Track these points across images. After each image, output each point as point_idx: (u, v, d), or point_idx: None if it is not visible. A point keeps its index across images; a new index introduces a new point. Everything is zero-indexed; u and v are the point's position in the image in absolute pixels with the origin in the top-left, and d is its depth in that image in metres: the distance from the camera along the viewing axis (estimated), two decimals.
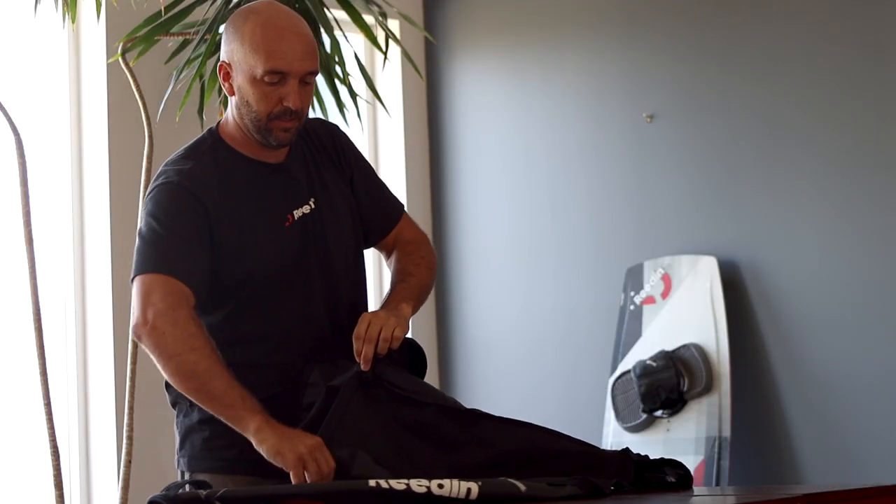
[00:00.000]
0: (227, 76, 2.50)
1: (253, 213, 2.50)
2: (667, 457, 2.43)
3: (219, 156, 2.55)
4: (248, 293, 2.51)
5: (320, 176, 2.60)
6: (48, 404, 3.78)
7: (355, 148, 2.71)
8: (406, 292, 2.57)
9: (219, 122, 2.61)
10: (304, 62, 2.45)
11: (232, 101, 2.53)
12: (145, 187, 4.04)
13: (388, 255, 2.72)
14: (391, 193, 2.75)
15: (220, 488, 2.18)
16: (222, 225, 2.48)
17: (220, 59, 2.52)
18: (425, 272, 2.66)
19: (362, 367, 2.40)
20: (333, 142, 2.66)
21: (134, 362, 3.95)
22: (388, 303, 2.54)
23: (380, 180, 2.75)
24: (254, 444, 2.36)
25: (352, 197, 2.64)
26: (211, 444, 2.53)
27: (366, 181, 2.69)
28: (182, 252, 2.44)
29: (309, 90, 2.49)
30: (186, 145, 2.61)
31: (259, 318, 2.53)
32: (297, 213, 2.54)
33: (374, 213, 2.68)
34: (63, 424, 4.67)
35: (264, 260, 2.50)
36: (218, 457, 2.53)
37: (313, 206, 2.56)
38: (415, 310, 2.57)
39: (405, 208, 2.78)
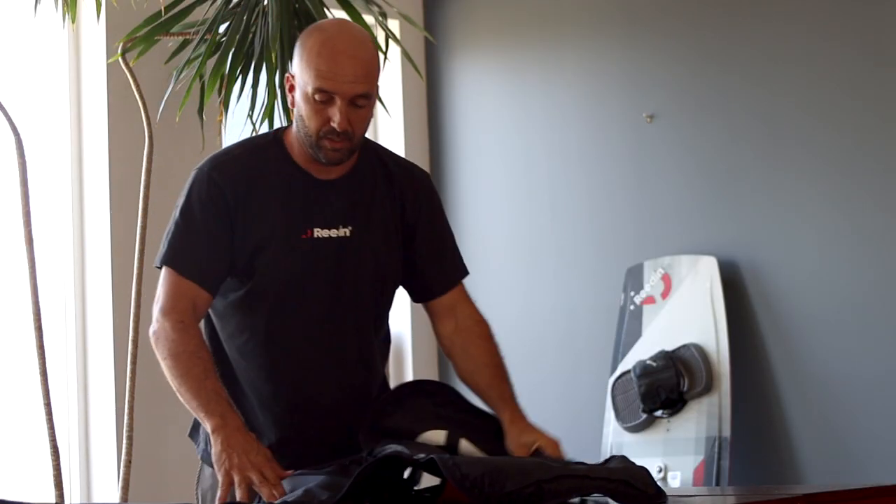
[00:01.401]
0: (291, 88, 2.54)
1: (275, 219, 2.53)
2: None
3: (269, 154, 2.58)
4: (252, 293, 2.54)
5: (369, 209, 2.60)
6: (48, 404, 3.78)
7: (435, 202, 2.71)
8: (513, 391, 2.68)
9: (289, 125, 2.64)
10: (353, 85, 2.46)
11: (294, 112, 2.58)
12: (145, 187, 4.04)
13: (439, 322, 2.71)
14: (458, 258, 2.74)
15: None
16: (243, 219, 2.53)
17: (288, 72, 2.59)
18: (503, 357, 2.71)
19: None
20: (412, 185, 2.66)
21: (134, 362, 3.94)
22: (511, 409, 2.61)
23: (450, 242, 2.74)
24: None
25: (400, 242, 2.64)
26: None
27: (432, 235, 2.68)
28: (198, 248, 2.51)
29: (362, 113, 2.49)
30: (250, 136, 2.69)
31: (257, 321, 2.55)
32: (322, 233, 2.55)
33: (431, 268, 2.68)
34: (63, 424, 4.67)
35: (270, 264, 2.52)
36: None
37: (348, 233, 2.56)
38: None
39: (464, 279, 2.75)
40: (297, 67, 2.51)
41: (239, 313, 2.56)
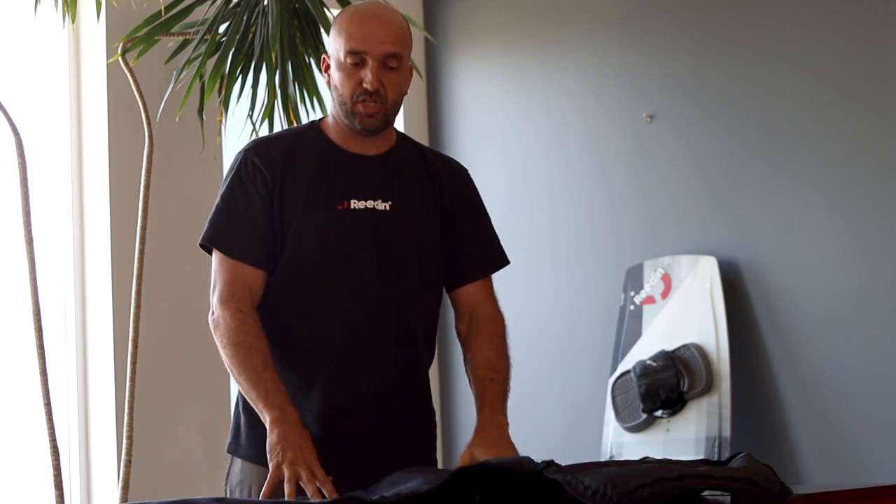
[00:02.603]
0: (328, 68, 2.61)
1: (310, 190, 2.57)
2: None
3: (306, 137, 2.64)
4: (286, 265, 2.56)
5: (408, 186, 2.63)
6: (48, 404, 3.78)
7: (473, 193, 2.74)
8: (500, 399, 2.64)
9: (325, 116, 2.70)
10: (383, 45, 2.53)
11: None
12: (145, 187, 4.04)
13: (458, 318, 2.71)
14: (492, 252, 2.75)
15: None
16: (279, 192, 2.56)
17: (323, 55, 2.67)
18: (507, 366, 2.70)
19: None
20: (450, 174, 2.70)
21: (134, 362, 3.95)
22: (487, 419, 2.56)
23: (486, 234, 2.75)
24: None
25: (439, 221, 2.65)
26: (249, 432, 2.60)
27: (468, 223, 2.70)
28: (244, 228, 2.55)
29: (394, 76, 2.55)
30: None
31: (293, 296, 2.57)
32: (359, 205, 2.57)
33: (459, 254, 2.69)
34: (63, 424, 4.67)
35: (304, 234, 2.55)
36: (251, 445, 2.59)
37: (388, 207, 2.58)
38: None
39: (493, 276, 2.74)
40: (331, 42, 2.59)
41: (272, 294, 2.57)
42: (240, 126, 4.13)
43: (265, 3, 3.93)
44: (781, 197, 4.73)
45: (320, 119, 2.69)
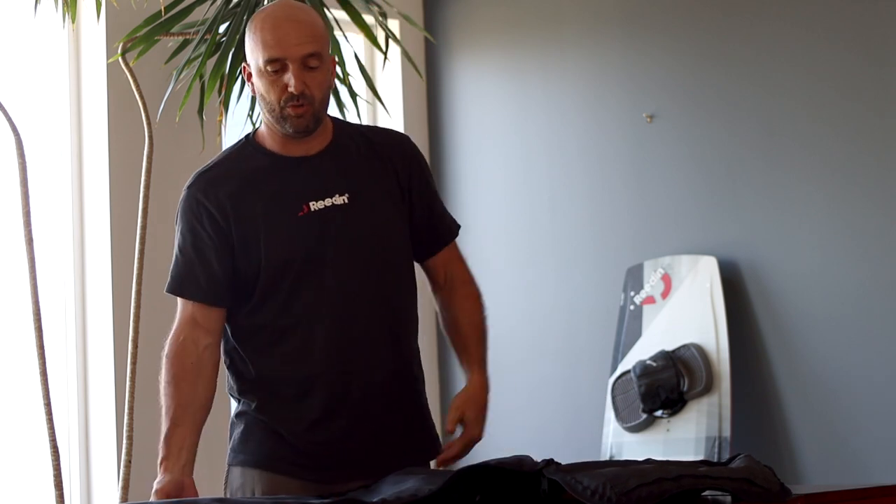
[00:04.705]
0: (249, 76, 2.60)
1: (267, 206, 2.57)
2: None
3: (244, 153, 2.64)
4: (264, 284, 2.56)
5: (360, 174, 2.63)
6: (48, 404, 3.78)
7: (422, 162, 2.76)
8: (484, 352, 2.76)
9: (258, 128, 2.70)
10: (299, 47, 2.51)
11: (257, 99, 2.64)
12: (145, 187, 4.04)
13: (434, 284, 2.79)
14: (448, 216, 2.81)
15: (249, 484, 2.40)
16: (236, 221, 2.56)
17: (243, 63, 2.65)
18: (484, 319, 2.81)
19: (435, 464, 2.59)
20: (398, 150, 2.71)
21: (134, 362, 3.94)
22: (473, 370, 2.71)
23: (440, 201, 2.80)
24: None
25: (401, 201, 2.67)
26: (244, 437, 2.63)
27: (425, 197, 2.73)
28: (195, 268, 2.58)
29: (316, 75, 2.54)
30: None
31: (275, 310, 2.57)
32: (317, 205, 2.57)
33: (426, 229, 2.72)
34: (63, 424, 4.67)
35: (273, 249, 2.55)
36: (249, 450, 2.62)
37: (346, 200, 2.59)
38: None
39: (457, 237, 2.83)
40: (248, 51, 2.58)
41: (254, 313, 2.58)
42: (240, 126, 4.13)
43: (265, 3, 3.93)
44: (781, 197, 4.73)
45: (255, 131, 2.69)
